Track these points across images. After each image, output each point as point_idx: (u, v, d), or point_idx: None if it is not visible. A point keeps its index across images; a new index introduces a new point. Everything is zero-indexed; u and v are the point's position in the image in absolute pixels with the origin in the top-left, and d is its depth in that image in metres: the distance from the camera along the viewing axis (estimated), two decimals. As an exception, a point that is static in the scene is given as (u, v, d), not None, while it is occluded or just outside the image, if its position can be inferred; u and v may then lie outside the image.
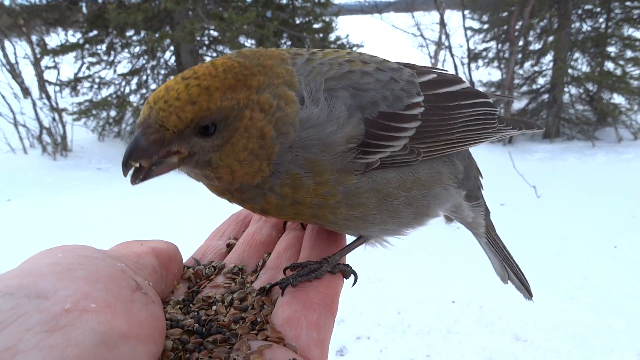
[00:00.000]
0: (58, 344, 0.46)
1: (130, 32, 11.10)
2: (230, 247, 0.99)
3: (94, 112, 10.64)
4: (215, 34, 11.38)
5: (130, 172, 0.73)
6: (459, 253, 5.69)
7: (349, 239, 1.00)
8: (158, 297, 0.64)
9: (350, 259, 0.97)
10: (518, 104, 12.38)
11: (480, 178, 1.17)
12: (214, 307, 0.79)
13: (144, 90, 11.65)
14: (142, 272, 0.67)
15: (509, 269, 1.31)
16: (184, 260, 0.91)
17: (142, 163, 0.73)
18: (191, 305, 0.79)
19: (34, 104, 10.37)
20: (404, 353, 3.99)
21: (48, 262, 0.54)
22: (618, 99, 11.44)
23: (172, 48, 11.41)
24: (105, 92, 11.48)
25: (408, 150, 0.88)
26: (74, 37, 11.31)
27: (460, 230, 6.69)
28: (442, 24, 12.45)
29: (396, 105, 0.89)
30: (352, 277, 0.92)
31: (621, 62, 11.16)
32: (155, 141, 0.72)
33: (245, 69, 0.78)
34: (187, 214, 6.52)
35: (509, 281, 1.34)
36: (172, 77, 0.79)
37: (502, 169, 8.03)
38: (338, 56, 0.93)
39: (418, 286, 4.98)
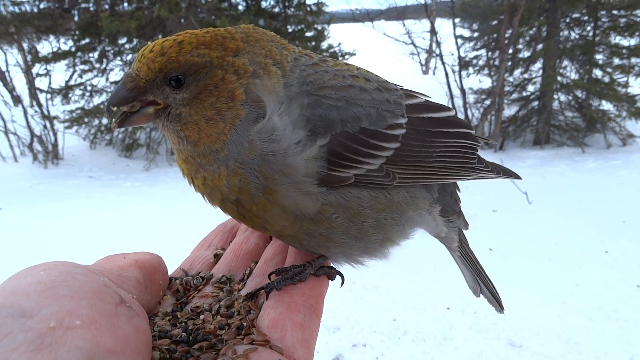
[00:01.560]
0: None
1: (122, 40, 11.09)
2: (217, 257, 0.99)
3: (85, 120, 10.60)
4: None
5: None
6: (453, 260, 5.71)
7: None
8: (143, 310, 0.65)
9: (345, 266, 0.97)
10: (509, 111, 12.52)
11: (457, 191, 1.16)
12: (201, 317, 0.79)
13: (136, 98, 11.61)
14: (125, 285, 0.67)
15: (481, 282, 1.31)
16: (172, 272, 0.92)
17: (123, 109, 0.82)
18: (179, 316, 0.79)
19: (25, 112, 10.30)
20: (400, 360, 4.00)
21: (30, 280, 0.54)
22: (606, 105, 11.62)
23: (164, 56, 11.39)
24: (97, 100, 11.43)
25: (384, 172, 0.88)
26: (65, 44, 11.28)
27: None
28: (433, 32, 12.60)
29: (379, 124, 0.89)
30: (338, 278, 0.92)
31: (609, 70, 11.35)
32: (131, 89, 0.81)
33: (227, 33, 0.83)
34: (178, 223, 6.49)
35: (481, 294, 1.33)
36: None
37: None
38: (346, 69, 0.95)
39: (413, 293, 5.00)
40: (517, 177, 1.22)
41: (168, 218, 6.84)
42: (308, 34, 12.19)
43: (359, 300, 4.86)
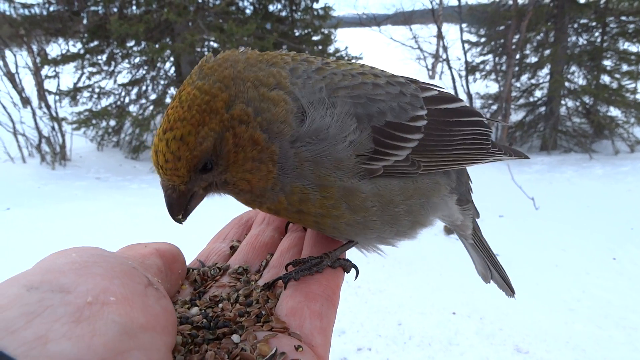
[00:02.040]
0: (85, 333, 0.48)
1: (130, 43, 11.18)
2: (233, 249, 1.02)
3: (93, 121, 10.68)
4: (215, 45, 11.47)
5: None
6: (459, 264, 5.69)
7: None
8: (167, 294, 0.66)
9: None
10: (515, 117, 12.48)
11: (469, 182, 1.22)
12: (220, 305, 0.81)
13: (143, 101, 11.70)
14: (148, 272, 0.69)
15: (492, 268, 1.35)
16: (189, 263, 0.94)
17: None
18: (198, 304, 0.81)
19: (34, 113, 10.39)
20: (405, 364, 3.98)
21: (65, 261, 0.57)
22: (614, 111, 11.56)
23: (172, 59, 11.48)
24: (104, 102, 11.52)
25: (410, 162, 0.92)
26: (74, 47, 11.37)
27: (459, 242, 6.70)
28: (440, 36, 12.60)
29: (402, 116, 0.93)
30: (353, 271, 0.95)
31: (617, 76, 11.30)
32: (179, 197, 0.85)
33: (206, 94, 0.80)
34: (184, 225, 6.50)
35: (491, 280, 1.37)
36: (158, 129, 0.83)
37: (501, 180, 8.07)
38: (352, 68, 0.96)
39: (418, 297, 4.98)
40: (526, 157, 1.28)
41: (174, 224, 6.85)
42: (315, 38, 12.23)
43: (365, 304, 4.85)
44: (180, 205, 0.86)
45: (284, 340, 0.70)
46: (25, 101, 10.99)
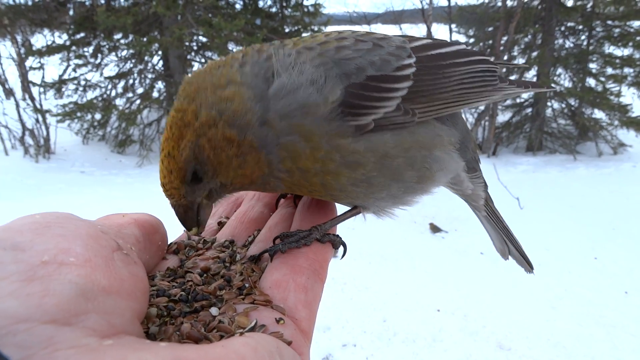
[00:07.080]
0: (35, 292, 0.45)
1: (118, 35, 11.03)
2: (221, 225, 1.01)
3: (78, 114, 10.51)
4: (204, 40, 11.38)
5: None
6: (444, 262, 5.74)
7: (340, 211, 1.00)
8: (140, 261, 0.64)
9: (338, 265, 0.96)
10: (502, 117, 12.59)
11: (477, 152, 1.19)
12: (200, 277, 0.79)
13: (130, 94, 11.56)
14: (124, 241, 0.67)
15: (509, 242, 1.33)
16: (175, 238, 0.93)
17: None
18: (177, 275, 0.79)
19: (17, 105, 10.20)
20: (390, 361, 4.00)
21: (25, 221, 0.55)
22: (599, 114, 11.72)
23: (160, 53, 11.37)
24: (90, 95, 11.35)
25: (402, 111, 0.89)
26: (60, 38, 11.18)
27: (445, 240, 6.76)
28: (430, 36, 12.64)
29: (385, 68, 0.90)
30: (341, 248, 0.93)
31: (602, 79, 11.45)
32: (185, 211, 0.89)
33: (179, 112, 0.85)
34: (170, 220, 6.44)
35: (509, 256, 1.35)
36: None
37: (487, 180, 8.13)
38: (314, 40, 0.94)
39: (403, 294, 5.01)
40: (550, 87, 1.26)
41: (160, 215, 6.73)
42: (305, 35, 12.18)
43: (350, 300, 4.86)
44: (191, 219, 0.88)
45: (265, 312, 0.68)
46: (9, 92, 10.77)
